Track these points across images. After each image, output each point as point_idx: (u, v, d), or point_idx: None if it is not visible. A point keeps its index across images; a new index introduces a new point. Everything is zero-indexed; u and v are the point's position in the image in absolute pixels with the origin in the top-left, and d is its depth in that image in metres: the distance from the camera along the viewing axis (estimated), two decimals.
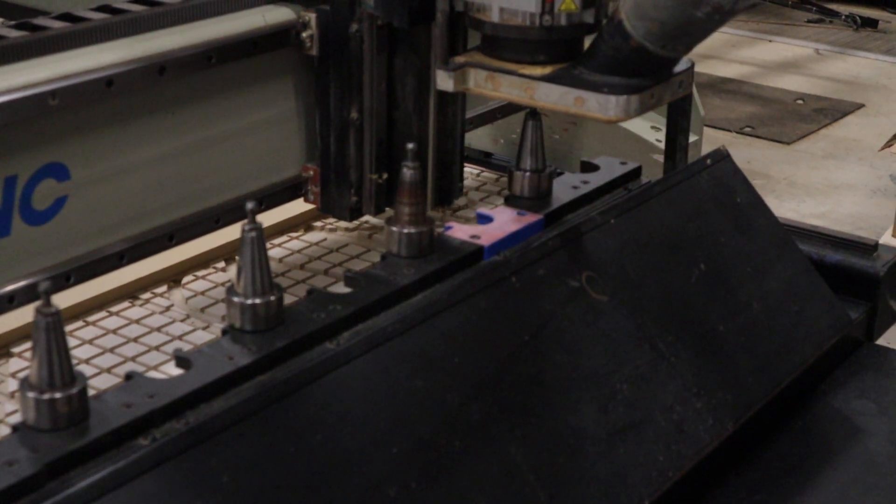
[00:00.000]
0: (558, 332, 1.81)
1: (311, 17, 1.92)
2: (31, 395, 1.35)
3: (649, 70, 1.77)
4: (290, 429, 1.48)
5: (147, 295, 2.04)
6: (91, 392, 1.42)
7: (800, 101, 6.86)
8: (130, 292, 2.04)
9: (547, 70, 1.80)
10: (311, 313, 1.63)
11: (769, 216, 2.27)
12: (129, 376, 1.47)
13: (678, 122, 2.25)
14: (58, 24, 1.72)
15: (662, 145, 3.97)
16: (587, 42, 1.87)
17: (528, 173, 2.05)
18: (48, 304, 1.33)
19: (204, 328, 1.94)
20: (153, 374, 1.72)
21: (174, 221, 1.88)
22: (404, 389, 1.60)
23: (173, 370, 1.54)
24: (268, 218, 2.12)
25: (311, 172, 2.02)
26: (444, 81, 1.86)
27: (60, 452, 1.32)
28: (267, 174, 2.01)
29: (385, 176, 2.01)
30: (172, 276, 2.10)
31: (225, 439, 1.42)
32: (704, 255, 2.09)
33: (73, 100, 1.66)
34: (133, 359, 1.85)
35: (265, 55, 1.93)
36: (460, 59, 1.87)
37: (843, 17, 8.18)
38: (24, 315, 1.85)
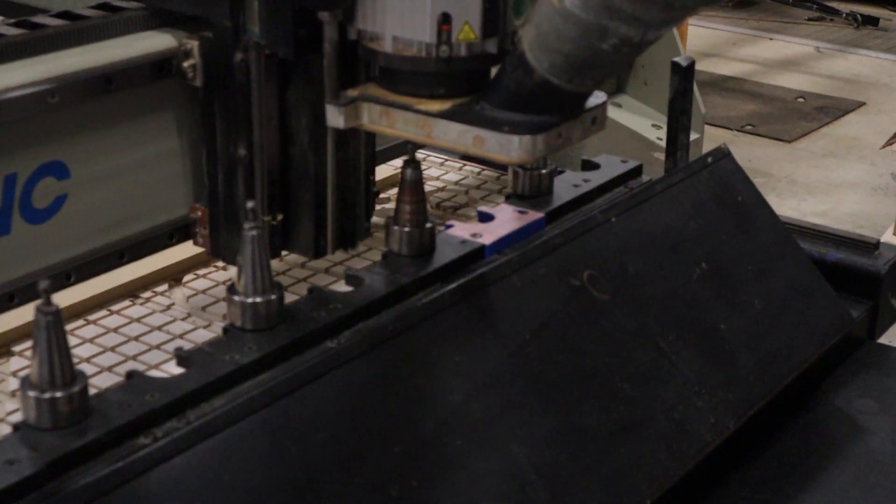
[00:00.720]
0: (560, 331, 1.81)
1: (194, 45, 1.75)
2: (31, 393, 1.35)
3: (557, 106, 1.62)
4: (291, 427, 1.47)
5: (148, 293, 2.04)
6: (92, 391, 1.42)
7: (801, 100, 6.86)
8: (131, 291, 2.03)
9: (446, 105, 1.65)
10: (312, 312, 1.62)
11: (770, 214, 2.27)
12: (129, 375, 1.47)
13: (679, 121, 2.25)
14: None
15: (663, 143, 4.00)
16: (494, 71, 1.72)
17: (529, 171, 2.05)
18: (49, 302, 1.33)
19: (205, 327, 1.94)
20: (154, 372, 1.72)
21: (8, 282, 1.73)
22: (405, 388, 1.60)
23: (174, 369, 1.54)
24: None
25: (200, 213, 1.87)
26: (334, 117, 1.70)
27: (61, 451, 1.32)
28: (150, 215, 1.86)
29: (280, 217, 1.84)
30: (173, 275, 2.09)
31: (226, 438, 1.42)
32: (706, 254, 2.09)
33: None
34: (134, 357, 1.84)
35: (143, 87, 1.77)
36: (353, 92, 1.71)
37: (844, 14, 8.19)
38: (24, 314, 1.85)
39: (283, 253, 1.92)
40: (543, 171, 2.05)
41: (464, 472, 1.58)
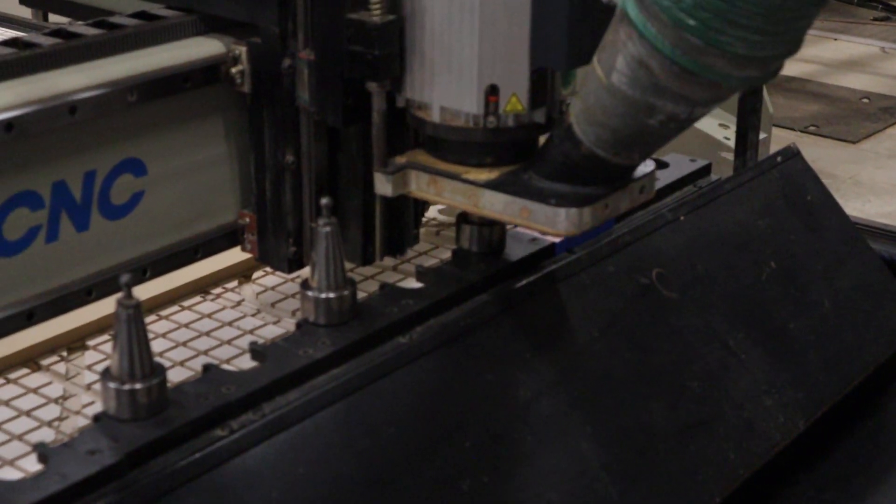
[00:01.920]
0: (628, 329, 1.81)
1: (242, 50, 1.74)
2: (112, 385, 1.37)
3: (603, 177, 1.62)
4: (364, 421, 1.49)
5: (218, 290, 2.06)
6: (167, 385, 1.44)
7: (865, 100, 6.79)
8: (202, 287, 2.06)
9: (493, 174, 1.65)
10: (384, 308, 1.64)
11: (840, 214, 2.25)
12: (206, 368, 1.49)
13: (749, 120, 2.24)
14: None
15: (730, 143, 3.97)
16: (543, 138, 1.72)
17: None
18: (129, 296, 1.35)
19: (274, 323, 1.96)
20: (225, 367, 1.74)
21: (88, 276, 1.72)
22: (476, 384, 1.61)
23: (245, 363, 1.56)
24: None
25: (248, 219, 1.85)
26: (382, 185, 1.70)
27: (141, 442, 1.34)
28: (199, 221, 1.84)
29: None
30: (243, 271, 2.11)
31: (300, 431, 1.44)
32: (775, 253, 2.08)
33: None
34: (205, 352, 1.86)
35: (192, 92, 1.75)
36: (400, 159, 1.71)
37: None
38: (99, 309, 1.89)
39: None
40: None
41: (533, 468, 1.58)
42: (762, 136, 2.40)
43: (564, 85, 1.69)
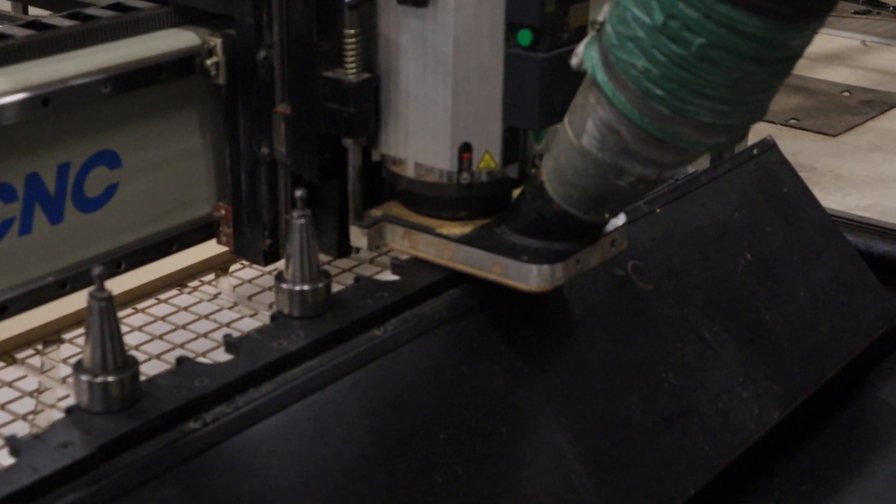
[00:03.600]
0: (604, 321, 1.81)
1: (217, 42, 1.75)
2: (84, 378, 1.37)
3: (575, 234, 1.65)
4: (337, 414, 1.49)
5: (195, 283, 2.06)
6: (141, 378, 1.44)
7: (846, 93, 6.81)
8: (179, 280, 2.06)
9: (467, 228, 1.69)
10: (359, 300, 1.64)
11: (816, 206, 2.26)
12: (179, 361, 1.49)
13: None
14: None
15: None
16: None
17: None
18: (102, 288, 1.35)
19: (251, 315, 1.96)
20: (201, 360, 1.74)
21: (62, 269, 1.73)
22: (450, 376, 1.61)
23: (221, 357, 1.55)
24: None
25: (223, 212, 1.86)
26: (357, 239, 1.74)
27: (113, 434, 1.34)
28: (174, 214, 1.85)
29: None
30: (220, 265, 2.11)
31: (274, 423, 1.44)
32: (751, 245, 2.08)
33: None
34: (182, 346, 1.87)
35: (166, 84, 1.76)
36: (376, 212, 1.75)
37: (892, 8, 8.11)
38: (73, 302, 1.88)
39: None
40: None
41: (508, 460, 1.59)
42: None
43: (537, 140, 1.73)
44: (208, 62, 1.77)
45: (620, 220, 1.72)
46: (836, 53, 7.54)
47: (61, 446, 1.32)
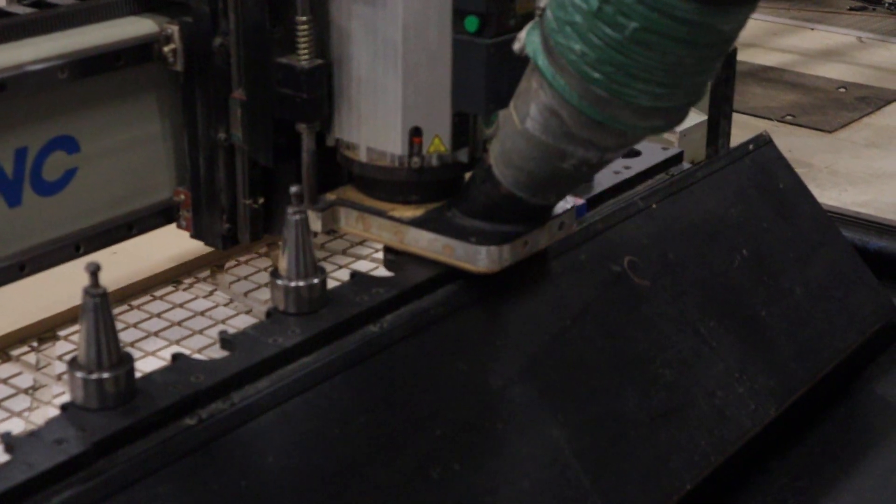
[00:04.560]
0: (600, 317, 1.81)
1: (174, 30, 1.79)
2: (79, 374, 1.36)
3: (522, 216, 1.69)
4: (333, 410, 1.49)
5: (190, 279, 2.06)
6: (136, 374, 1.43)
7: (842, 90, 6.81)
8: (174, 276, 2.05)
9: (419, 212, 1.73)
10: (355, 296, 1.63)
11: (812, 202, 2.26)
12: (175, 357, 1.49)
13: (721, 108, 2.24)
14: None
15: None
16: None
17: None
18: (96, 284, 1.35)
19: (246, 312, 1.96)
20: (197, 356, 1.74)
21: (25, 250, 1.75)
22: (447, 372, 1.61)
23: (217, 353, 1.55)
24: None
25: (183, 197, 1.90)
26: (312, 222, 1.75)
27: (108, 431, 1.34)
28: (134, 198, 1.88)
29: (261, 200, 1.87)
30: (216, 261, 2.11)
31: (270, 420, 1.44)
32: (747, 241, 2.08)
33: None
34: (177, 342, 1.86)
35: (124, 71, 1.79)
36: (330, 196, 1.79)
37: (887, 4, 8.12)
38: (69, 299, 1.88)
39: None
40: None
41: (505, 456, 1.58)
42: (702, 118, 2.40)
43: (487, 125, 1.76)
44: (166, 49, 1.80)
45: (568, 203, 1.76)
46: (832, 50, 7.54)
47: (56, 443, 1.31)
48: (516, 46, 1.54)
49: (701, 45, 1.42)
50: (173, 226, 1.95)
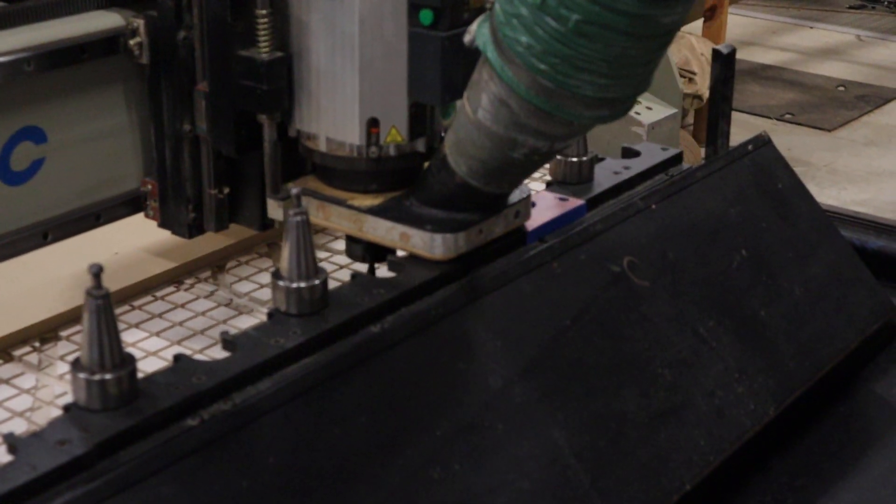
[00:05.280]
0: (600, 317, 1.82)
1: (140, 23, 1.83)
2: (82, 375, 1.37)
3: (477, 205, 1.73)
4: (334, 411, 1.49)
5: (191, 280, 2.07)
6: (139, 375, 1.44)
7: (841, 88, 6.82)
8: (175, 277, 2.06)
9: (377, 200, 1.77)
10: (356, 297, 1.64)
11: (811, 202, 2.26)
12: (176, 358, 1.49)
13: (720, 108, 2.25)
14: None
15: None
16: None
17: (569, 159, 2.06)
18: (99, 285, 1.35)
19: (248, 312, 1.97)
20: (198, 357, 1.74)
21: None
22: (447, 372, 1.62)
23: (218, 354, 1.56)
24: None
25: (150, 187, 1.95)
26: (273, 211, 1.83)
27: (111, 432, 1.34)
28: (102, 188, 1.93)
29: (226, 190, 1.91)
30: (216, 262, 2.12)
31: (271, 421, 1.44)
32: (746, 241, 2.09)
33: None
34: (178, 342, 1.87)
35: (91, 63, 1.84)
36: (292, 186, 1.80)
37: (886, 2, 8.12)
38: (70, 300, 1.89)
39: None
40: (584, 159, 2.06)
41: (505, 456, 1.59)
42: (671, 111, 2.41)
43: (444, 115, 1.80)
44: (132, 42, 1.84)
45: (524, 192, 1.79)
46: (831, 48, 7.55)
47: (59, 444, 1.32)
48: (467, 39, 1.59)
49: (643, 37, 1.45)
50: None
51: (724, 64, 2.24)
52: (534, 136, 1.58)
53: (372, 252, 1.82)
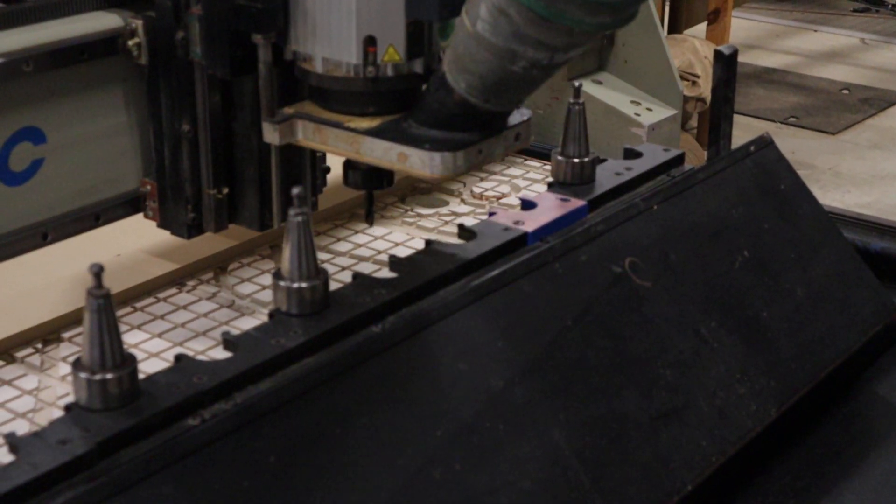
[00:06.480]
0: (601, 318, 1.82)
1: (139, 24, 1.82)
2: (83, 375, 1.37)
3: (476, 124, 1.69)
4: (335, 411, 1.49)
5: (193, 282, 2.07)
6: (140, 376, 1.44)
7: (845, 91, 6.82)
8: (177, 278, 2.06)
9: (375, 122, 1.73)
10: (357, 297, 1.64)
11: (813, 203, 2.26)
12: (178, 358, 1.50)
13: (722, 109, 2.25)
14: None
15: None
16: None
17: (571, 160, 2.06)
18: (100, 285, 1.36)
19: (250, 314, 1.97)
20: (200, 358, 1.74)
21: None
22: (448, 373, 1.62)
23: (220, 355, 1.56)
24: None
25: (149, 187, 1.94)
26: (269, 134, 1.77)
27: (112, 432, 1.35)
28: (101, 188, 1.92)
29: (225, 191, 1.90)
30: (218, 263, 2.12)
31: (272, 420, 1.44)
32: (748, 242, 2.09)
33: None
34: (180, 344, 1.87)
35: (90, 64, 1.83)
36: (288, 110, 1.78)
37: (890, 6, 8.11)
38: (72, 301, 1.89)
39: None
40: (586, 160, 2.06)
41: (506, 456, 1.59)
42: (671, 112, 2.41)
43: (442, 36, 1.76)
44: (130, 43, 1.84)
45: (524, 114, 1.76)
46: (835, 51, 7.55)
47: (60, 443, 1.32)
48: None
49: None
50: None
51: (725, 65, 2.24)
52: (533, 47, 1.55)
53: (370, 180, 1.80)
